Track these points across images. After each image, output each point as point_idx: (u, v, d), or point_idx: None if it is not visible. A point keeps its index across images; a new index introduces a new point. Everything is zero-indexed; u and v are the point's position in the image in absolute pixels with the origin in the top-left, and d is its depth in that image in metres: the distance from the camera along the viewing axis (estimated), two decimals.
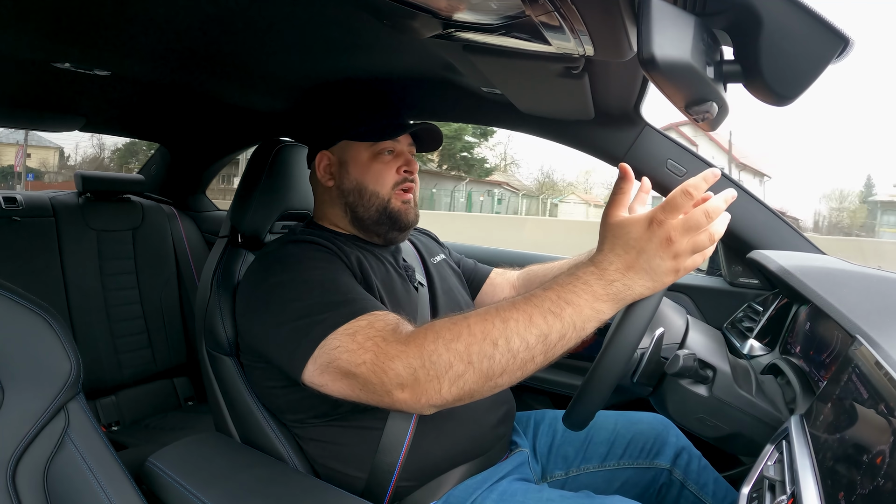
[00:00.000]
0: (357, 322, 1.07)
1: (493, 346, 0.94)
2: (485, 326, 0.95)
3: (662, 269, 0.93)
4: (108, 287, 2.50)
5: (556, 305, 0.95)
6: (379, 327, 1.05)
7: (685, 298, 1.91)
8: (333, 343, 1.05)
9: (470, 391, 0.97)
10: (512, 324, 0.94)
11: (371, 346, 1.02)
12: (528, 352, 0.94)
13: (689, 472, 1.45)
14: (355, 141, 1.40)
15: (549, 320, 0.94)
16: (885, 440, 0.71)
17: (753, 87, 0.77)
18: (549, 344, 0.94)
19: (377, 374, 1.00)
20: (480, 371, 0.95)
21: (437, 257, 1.63)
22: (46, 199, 2.46)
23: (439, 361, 0.95)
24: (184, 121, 2.56)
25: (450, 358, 0.95)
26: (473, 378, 0.95)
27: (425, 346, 0.97)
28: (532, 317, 0.95)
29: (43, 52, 1.46)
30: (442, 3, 0.87)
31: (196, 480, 1.20)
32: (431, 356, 0.96)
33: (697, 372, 1.20)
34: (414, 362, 0.97)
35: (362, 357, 1.02)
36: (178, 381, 2.72)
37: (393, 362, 0.98)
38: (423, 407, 0.99)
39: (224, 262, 1.53)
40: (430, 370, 0.96)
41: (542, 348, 0.94)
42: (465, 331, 0.96)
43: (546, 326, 0.94)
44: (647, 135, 1.69)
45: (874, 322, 0.97)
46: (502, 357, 0.94)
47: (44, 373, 1.01)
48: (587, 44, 0.93)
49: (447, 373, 0.95)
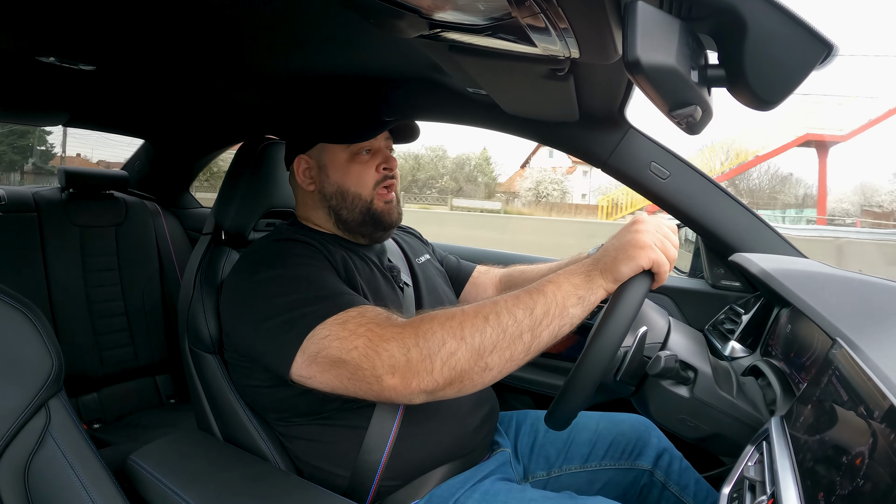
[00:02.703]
0: (347, 313, 1.08)
1: (485, 321, 1.00)
2: (477, 307, 1.02)
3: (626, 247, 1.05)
4: (90, 284, 2.48)
5: (539, 284, 1.05)
6: (370, 316, 1.07)
7: (667, 300, 1.92)
8: (322, 332, 1.06)
9: (461, 371, 0.99)
10: (501, 303, 1.03)
11: (364, 331, 1.03)
12: (516, 326, 1.00)
13: (671, 473, 1.46)
14: (331, 143, 1.40)
15: (533, 296, 1.03)
16: (865, 441, 0.71)
17: (737, 91, 0.78)
18: (535, 319, 1.00)
19: (369, 358, 1.01)
20: (472, 347, 0.98)
21: (422, 257, 1.63)
22: (29, 194, 2.44)
23: (433, 338, 0.99)
24: (168, 117, 2.55)
25: (443, 335, 0.99)
26: (466, 354, 0.98)
27: (421, 325, 1.01)
28: (518, 296, 1.04)
29: (27, 46, 1.44)
30: (428, 3, 0.87)
31: (178, 479, 1.19)
32: (426, 334, 0.99)
33: (679, 373, 1.21)
34: (409, 341, 0.99)
35: (354, 343, 1.03)
36: (161, 379, 2.71)
37: (388, 343, 1.00)
38: (414, 393, 1.00)
39: (207, 260, 1.52)
40: (424, 349, 0.98)
41: (529, 323, 1.00)
42: (459, 312, 1.02)
43: (531, 301, 1.02)
44: (632, 137, 1.70)
45: (854, 325, 0.98)
46: (493, 331, 0.99)
47: (25, 369, 1.00)
48: (573, 46, 0.94)
49: (440, 350, 0.98)
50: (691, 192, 1.68)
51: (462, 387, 1.01)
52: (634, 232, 1.06)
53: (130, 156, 3.03)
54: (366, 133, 1.39)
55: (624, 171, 1.72)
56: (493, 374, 1.02)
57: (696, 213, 1.69)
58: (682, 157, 1.70)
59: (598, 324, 1.07)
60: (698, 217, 1.69)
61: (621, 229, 1.11)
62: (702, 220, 1.69)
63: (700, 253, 1.94)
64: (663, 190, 1.69)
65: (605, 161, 1.72)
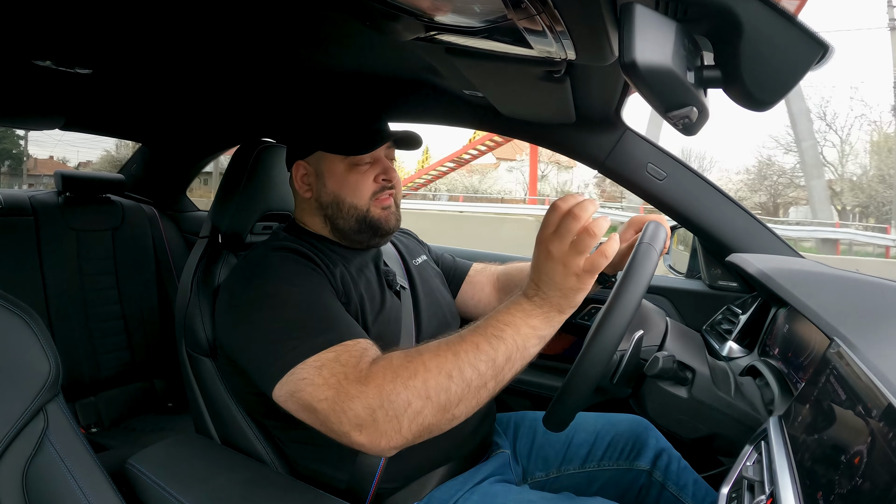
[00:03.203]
0: (326, 354, 1.07)
1: (449, 379, 0.98)
2: (438, 361, 1.00)
3: (568, 286, 0.99)
4: (87, 287, 2.47)
5: (497, 329, 1.01)
6: (343, 361, 1.06)
7: (664, 301, 1.92)
8: (301, 373, 1.06)
9: (429, 426, 0.99)
10: (462, 355, 1.00)
11: (334, 382, 1.03)
12: (480, 378, 0.99)
13: (669, 473, 1.46)
14: (330, 153, 1.38)
15: (493, 344, 1.00)
16: (863, 441, 0.72)
17: (733, 92, 0.78)
18: (497, 367, 1.00)
19: (336, 414, 1.01)
20: (438, 404, 0.98)
21: (418, 259, 1.63)
22: (26, 197, 2.43)
23: (398, 401, 0.98)
24: (165, 120, 2.54)
25: (408, 396, 0.98)
26: (432, 412, 0.98)
27: (384, 386, 0.99)
28: (479, 345, 1.00)
29: (24, 49, 1.44)
30: (425, 6, 0.87)
31: (176, 482, 1.19)
32: (390, 396, 0.98)
33: (677, 373, 1.21)
34: (373, 402, 0.99)
35: (325, 393, 1.03)
36: (158, 383, 2.69)
37: (353, 402, 1.00)
38: (383, 450, 1.00)
39: (204, 263, 1.52)
40: (389, 410, 0.98)
41: (492, 373, 1.00)
42: (421, 367, 1.00)
43: (492, 350, 1.00)
44: (628, 139, 1.70)
45: (851, 324, 0.98)
46: (457, 388, 0.98)
47: (22, 374, 1.00)
48: (569, 48, 0.94)
49: (406, 411, 0.98)
50: (688, 192, 1.68)
51: (431, 435, 1.02)
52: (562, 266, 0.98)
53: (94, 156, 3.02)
54: (365, 146, 1.37)
55: (620, 173, 1.72)
56: (463, 419, 1.03)
57: (692, 213, 1.69)
58: (679, 159, 1.70)
59: (594, 329, 1.07)
60: (695, 218, 1.69)
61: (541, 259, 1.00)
62: (699, 220, 1.69)
63: (697, 254, 1.95)
64: (660, 191, 1.69)
65: (602, 162, 1.73)
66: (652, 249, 1.11)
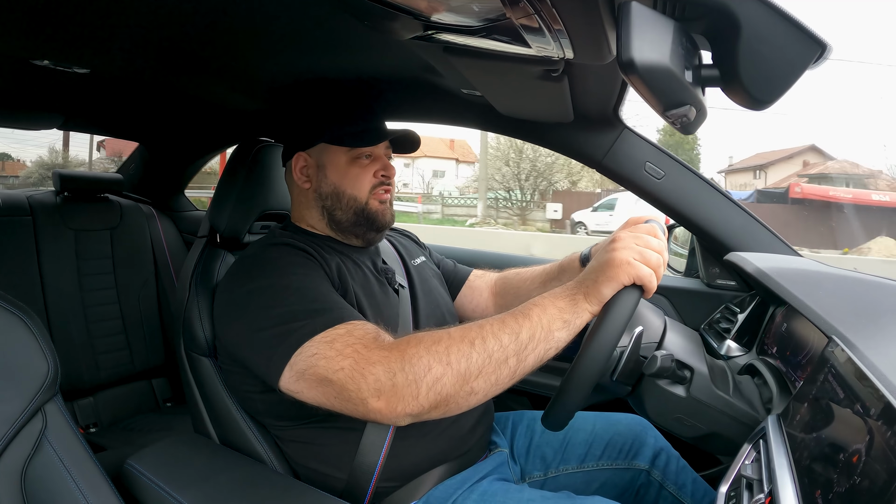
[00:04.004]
0: (335, 330, 1.07)
1: (471, 346, 0.99)
2: (463, 331, 1.02)
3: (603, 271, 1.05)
4: (85, 287, 2.47)
5: (525, 308, 1.05)
6: (358, 335, 1.06)
7: (663, 300, 1.92)
8: (311, 350, 1.06)
9: (446, 396, 0.99)
10: (487, 327, 1.03)
11: (350, 352, 1.03)
12: (502, 351, 1.00)
13: (668, 472, 1.46)
14: (333, 145, 1.40)
15: (518, 320, 1.03)
16: (861, 439, 0.72)
17: (731, 91, 0.78)
18: (521, 343, 1.01)
19: (355, 380, 1.01)
20: (458, 372, 0.98)
21: (417, 259, 1.63)
22: (24, 197, 2.42)
23: (419, 364, 0.98)
24: (163, 120, 2.54)
25: (429, 360, 0.98)
26: (451, 380, 0.98)
27: (407, 350, 1.00)
28: (504, 320, 1.04)
29: (22, 49, 1.44)
30: (423, 5, 0.87)
31: (175, 482, 1.19)
32: (412, 359, 0.99)
33: (675, 372, 1.21)
34: (394, 366, 0.99)
35: (341, 363, 1.03)
36: (157, 383, 2.70)
37: (374, 367, 1.00)
38: (399, 416, 1.00)
39: (203, 263, 1.52)
40: (410, 374, 0.98)
41: (515, 348, 1.00)
42: (445, 336, 1.01)
43: (517, 325, 1.02)
44: (626, 138, 1.71)
45: (849, 323, 0.98)
46: (479, 356, 0.99)
47: (21, 374, 1.00)
48: (567, 47, 0.94)
49: (426, 376, 0.98)
50: (686, 191, 1.69)
51: (447, 409, 1.02)
52: (611, 251, 1.06)
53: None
54: (370, 139, 1.39)
55: (618, 172, 1.73)
56: (479, 398, 1.03)
57: (691, 212, 1.69)
58: (677, 157, 1.70)
59: (594, 324, 1.07)
60: (693, 216, 1.69)
61: (601, 248, 1.12)
62: (697, 219, 1.69)
63: (695, 252, 1.94)
64: (658, 190, 1.69)
65: (600, 161, 1.73)
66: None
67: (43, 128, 2.49)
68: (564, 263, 1.54)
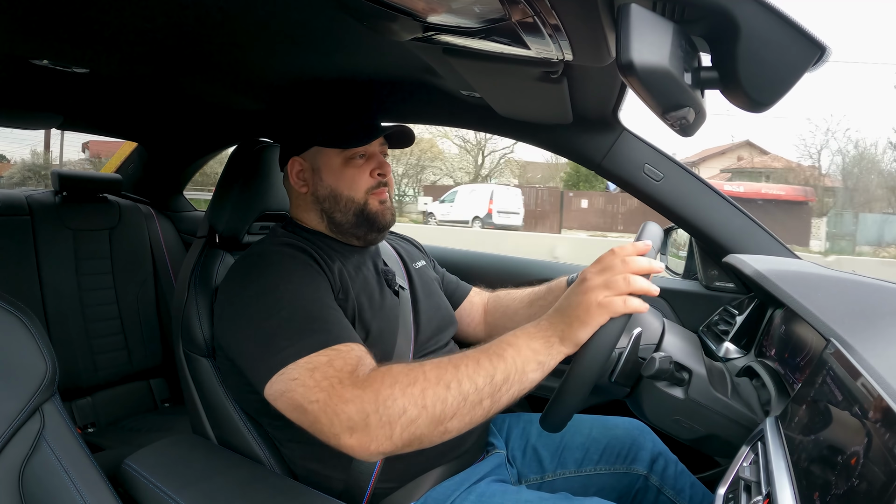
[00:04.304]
0: (318, 357, 1.08)
1: (447, 389, 1.00)
2: (438, 372, 1.02)
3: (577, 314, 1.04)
4: (84, 287, 2.47)
5: (500, 348, 1.05)
6: (338, 366, 1.06)
7: (661, 302, 1.92)
8: (293, 374, 1.07)
9: (420, 436, 1.01)
10: (462, 368, 1.02)
11: (326, 385, 1.04)
12: (477, 394, 1.01)
13: (666, 477, 1.46)
14: (326, 147, 1.39)
15: (493, 361, 1.03)
16: (860, 441, 0.72)
17: (730, 93, 0.78)
18: (495, 385, 1.02)
19: (328, 415, 1.02)
20: (433, 415, 0.99)
21: (418, 262, 1.63)
22: (23, 197, 2.42)
23: (394, 406, 0.99)
24: (162, 120, 2.54)
25: (405, 402, 0.99)
26: (426, 422, 0.99)
27: (381, 391, 1.00)
28: (479, 361, 1.03)
29: (21, 49, 1.44)
30: (422, 6, 0.87)
31: (173, 483, 1.19)
32: (386, 401, 0.99)
33: (673, 374, 1.21)
34: (368, 407, 1.00)
35: (316, 395, 1.04)
36: (155, 383, 2.69)
37: (347, 405, 1.01)
38: (371, 454, 1.01)
39: (201, 263, 1.52)
40: (384, 415, 0.99)
41: (490, 390, 1.02)
42: (421, 376, 1.01)
43: (492, 367, 1.02)
44: (625, 139, 1.71)
45: (848, 325, 0.98)
46: (454, 399, 1.00)
47: (19, 373, 0.99)
48: (566, 49, 0.94)
49: (400, 418, 0.99)
50: (685, 193, 1.69)
51: (420, 446, 1.03)
52: (582, 293, 1.05)
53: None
54: (361, 138, 1.38)
55: (617, 174, 1.72)
56: (453, 435, 1.04)
57: (689, 214, 1.69)
58: (676, 160, 1.70)
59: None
60: (692, 218, 1.69)
61: (572, 287, 1.10)
62: (695, 221, 1.69)
63: (694, 254, 1.94)
64: (657, 192, 1.69)
65: (599, 163, 1.73)
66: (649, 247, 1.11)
67: (42, 127, 2.49)
68: (553, 286, 1.56)
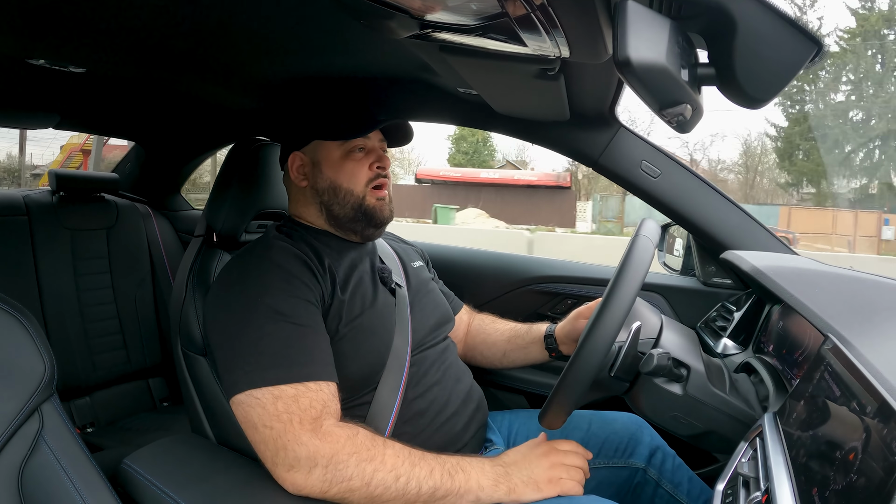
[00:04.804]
0: (285, 389, 1.10)
1: (395, 480, 1.06)
2: (395, 462, 1.08)
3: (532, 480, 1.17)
4: (81, 287, 2.46)
5: (455, 469, 1.13)
6: (303, 405, 1.09)
7: (659, 298, 1.92)
8: (258, 394, 1.10)
9: (348, 501, 1.07)
10: (417, 470, 1.09)
11: (286, 419, 1.07)
12: (416, 497, 1.08)
13: (664, 471, 1.46)
14: (326, 140, 1.40)
15: (444, 478, 1.10)
16: (858, 437, 0.72)
17: (727, 89, 0.78)
18: (434, 498, 1.09)
19: (276, 446, 1.07)
20: (371, 495, 1.05)
21: (415, 262, 1.64)
22: (20, 197, 2.41)
23: (343, 472, 1.04)
24: (159, 119, 2.53)
25: (353, 473, 1.04)
26: (361, 495, 1.06)
27: (339, 453, 1.06)
28: (433, 470, 1.11)
29: (17, 48, 1.43)
30: (418, 4, 0.87)
31: (172, 482, 1.18)
32: (339, 465, 1.04)
33: (671, 371, 1.21)
34: (320, 460, 1.04)
35: (272, 423, 1.07)
36: (154, 382, 2.69)
37: (299, 447, 1.05)
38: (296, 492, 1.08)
39: (199, 262, 1.52)
40: (328, 474, 1.04)
41: (426, 498, 1.09)
42: (379, 456, 1.07)
43: (440, 482, 1.10)
44: (622, 136, 1.71)
45: (846, 321, 0.99)
46: (395, 492, 1.06)
47: (17, 374, 0.99)
48: (563, 46, 0.94)
49: (342, 483, 1.05)
50: (682, 190, 1.69)
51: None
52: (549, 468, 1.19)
53: None
54: (361, 129, 1.40)
55: (615, 170, 1.73)
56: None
57: (687, 211, 1.69)
58: (673, 156, 1.70)
59: (590, 324, 1.07)
60: (689, 215, 1.69)
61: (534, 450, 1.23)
62: (693, 218, 1.70)
63: (691, 251, 1.95)
64: (654, 188, 1.69)
65: (596, 160, 1.73)
66: (648, 242, 1.11)
67: (39, 127, 2.48)
68: (532, 328, 1.64)
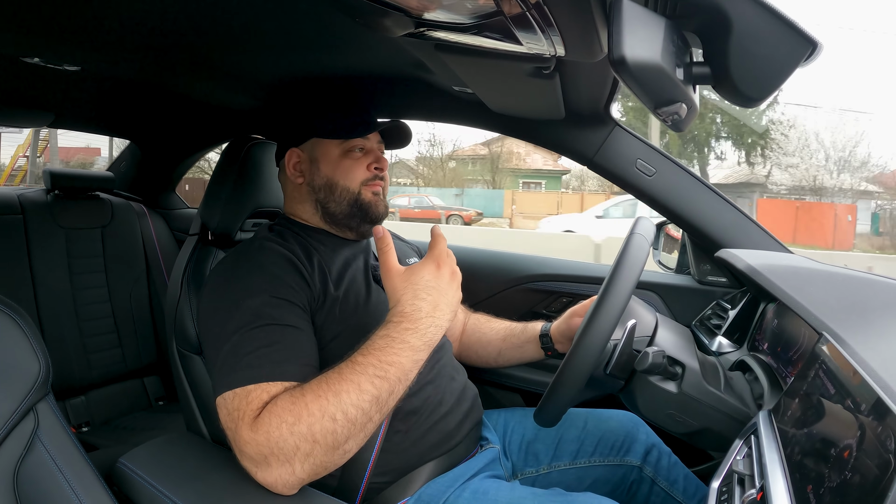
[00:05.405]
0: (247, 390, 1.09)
1: (333, 422, 1.02)
2: (321, 403, 1.03)
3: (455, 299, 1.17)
4: (76, 286, 2.46)
5: (380, 369, 1.06)
6: (254, 406, 1.07)
7: (654, 296, 1.92)
8: (227, 395, 1.10)
9: (323, 464, 1.04)
10: (344, 396, 1.03)
11: (238, 417, 1.07)
12: (364, 416, 1.04)
13: (660, 468, 1.47)
14: (325, 139, 1.41)
15: (376, 384, 1.05)
16: (852, 434, 0.72)
17: (722, 88, 0.78)
18: (381, 403, 1.06)
19: (238, 448, 1.07)
20: (326, 445, 1.02)
21: (411, 259, 1.64)
22: (15, 195, 2.41)
23: (286, 446, 1.01)
24: (154, 118, 2.53)
25: (295, 441, 1.01)
26: (322, 452, 1.02)
27: (271, 433, 1.02)
28: (361, 384, 1.04)
29: (11, 46, 1.43)
30: (414, 2, 0.87)
31: (168, 481, 1.18)
32: (279, 442, 1.01)
33: (667, 369, 1.21)
34: (264, 450, 1.02)
35: (227, 425, 1.09)
36: (149, 381, 2.69)
37: (246, 447, 1.04)
38: (283, 489, 1.05)
39: (194, 261, 1.52)
40: (280, 455, 1.02)
41: (377, 408, 1.05)
42: (304, 411, 1.02)
43: (375, 390, 1.04)
44: (617, 135, 1.71)
45: (840, 319, 0.99)
46: (343, 428, 1.02)
47: (12, 373, 0.99)
48: (558, 44, 0.94)
49: (296, 454, 1.02)
50: (677, 188, 1.69)
51: (327, 471, 1.06)
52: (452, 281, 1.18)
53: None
54: (361, 130, 1.41)
55: (610, 169, 1.73)
56: (356, 449, 1.08)
57: (682, 209, 1.70)
58: (668, 154, 1.70)
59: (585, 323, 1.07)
60: (684, 213, 1.70)
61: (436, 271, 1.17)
62: (688, 216, 1.70)
63: (686, 249, 1.95)
64: (649, 187, 1.69)
65: (591, 158, 1.73)
66: (643, 240, 1.11)
67: (33, 125, 2.48)
68: (528, 326, 1.65)
